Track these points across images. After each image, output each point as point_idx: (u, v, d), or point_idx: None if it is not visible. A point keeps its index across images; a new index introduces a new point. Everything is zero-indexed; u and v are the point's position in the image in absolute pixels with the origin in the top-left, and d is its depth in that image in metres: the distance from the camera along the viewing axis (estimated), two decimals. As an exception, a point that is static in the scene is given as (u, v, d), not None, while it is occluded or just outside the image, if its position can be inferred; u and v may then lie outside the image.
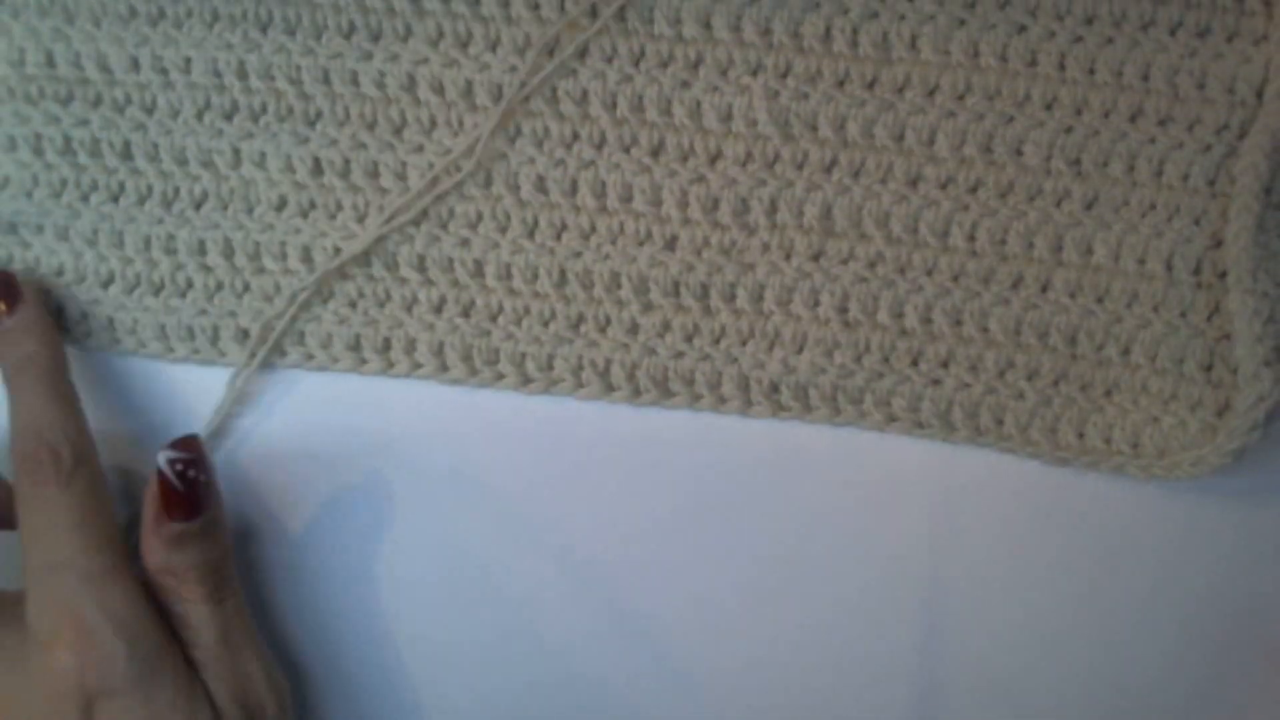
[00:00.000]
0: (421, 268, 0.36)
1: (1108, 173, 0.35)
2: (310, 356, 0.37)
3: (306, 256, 0.36)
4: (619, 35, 0.35)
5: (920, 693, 0.36)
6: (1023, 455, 0.36)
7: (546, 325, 0.36)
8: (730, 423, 0.36)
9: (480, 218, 0.36)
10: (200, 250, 0.37)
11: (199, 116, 0.36)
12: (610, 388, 0.36)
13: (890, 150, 0.35)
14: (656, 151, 0.36)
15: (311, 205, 0.36)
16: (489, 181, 0.36)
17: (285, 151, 0.36)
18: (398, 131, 0.36)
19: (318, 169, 0.36)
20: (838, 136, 0.35)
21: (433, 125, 0.36)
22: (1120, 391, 0.35)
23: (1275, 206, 0.34)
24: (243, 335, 0.37)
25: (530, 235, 0.36)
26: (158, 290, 0.37)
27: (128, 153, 0.37)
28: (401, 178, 0.36)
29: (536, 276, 0.36)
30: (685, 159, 0.35)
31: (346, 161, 0.36)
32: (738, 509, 0.36)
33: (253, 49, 0.36)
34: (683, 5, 0.35)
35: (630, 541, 0.37)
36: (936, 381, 0.35)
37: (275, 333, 0.36)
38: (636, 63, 0.35)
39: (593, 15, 0.35)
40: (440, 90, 0.36)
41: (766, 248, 0.36)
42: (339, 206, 0.36)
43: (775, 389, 0.36)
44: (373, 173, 0.36)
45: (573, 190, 0.36)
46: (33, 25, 0.36)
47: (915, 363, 0.36)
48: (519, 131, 0.36)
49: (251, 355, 0.36)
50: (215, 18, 0.36)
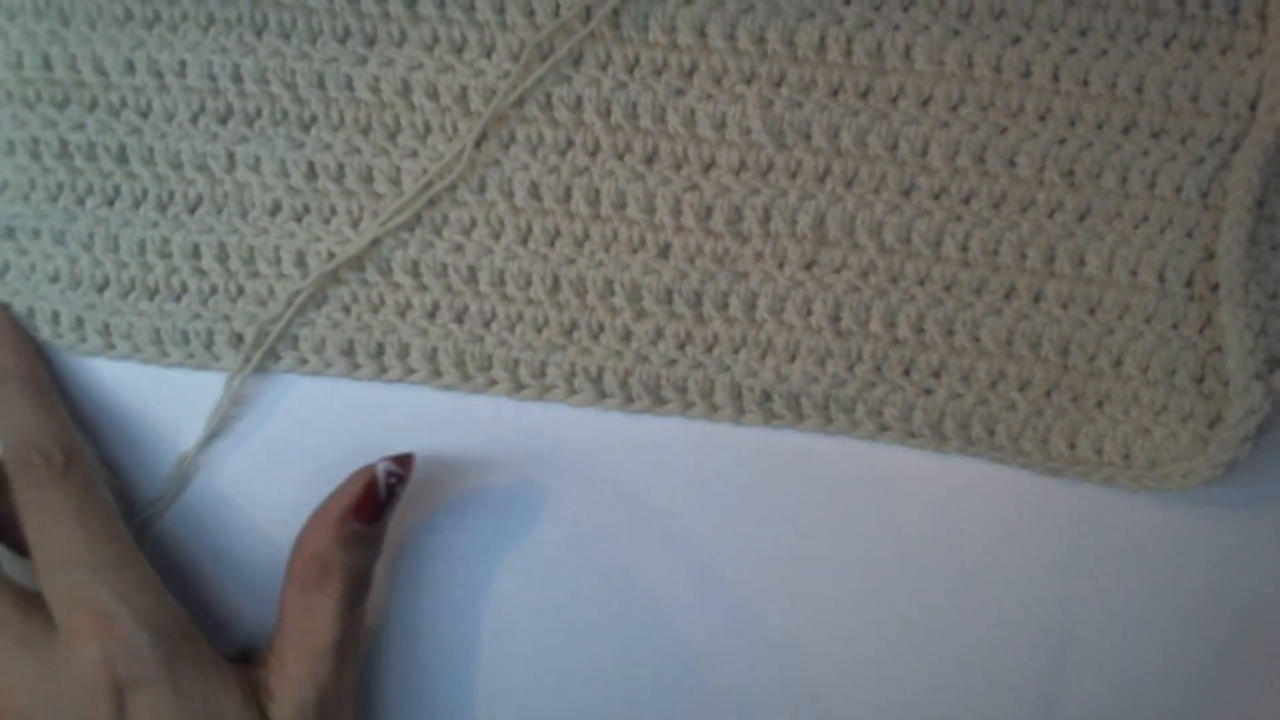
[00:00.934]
0: (415, 273, 0.36)
1: (1101, 184, 0.35)
2: (304, 361, 0.37)
3: (301, 261, 0.36)
4: (613, 42, 0.35)
5: (916, 696, 0.37)
6: (1014, 465, 0.36)
7: (540, 332, 0.36)
8: (724, 430, 0.36)
9: (474, 224, 0.36)
10: (195, 254, 0.37)
11: (194, 120, 0.36)
12: (603, 395, 0.36)
13: (884, 160, 0.35)
14: (650, 159, 0.36)
15: (306, 209, 0.36)
16: (483, 187, 0.36)
17: (280, 155, 0.36)
18: (392, 136, 0.36)
19: (312, 173, 0.36)
20: (831, 145, 0.35)
21: (427, 130, 0.36)
22: (1112, 402, 0.35)
23: (1267, 220, 0.34)
24: (237, 340, 0.37)
25: (524, 242, 0.36)
26: (152, 294, 0.37)
27: (123, 156, 0.37)
28: (396, 183, 0.36)
29: (530, 283, 0.36)
30: (679, 167, 0.36)
31: (341, 166, 0.36)
32: (733, 513, 0.36)
33: (248, 53, 0.36)
34: (677, 13, 0.35)
35: (632, 545, 0.37)
36: (929, 391, 0.36)
37: (271, 337, 0.36)
38: (631, 70, 0.35)
39: (586, 21, 0.35)
40: (435, 95, 0.36)
41: (760, 256, 0.36)
42: (333, 211, 0.36)
43: (768, 397, 0.36)
44: (367, 177, 0.36)
45: (566, 197, 0.36)
46: (29, 28, 0.36)
47: (908, 372, 0.36)
48: (513, 138, 0.36)
49: (246, 360, 0.36)
50: (210, 21, 0.36)
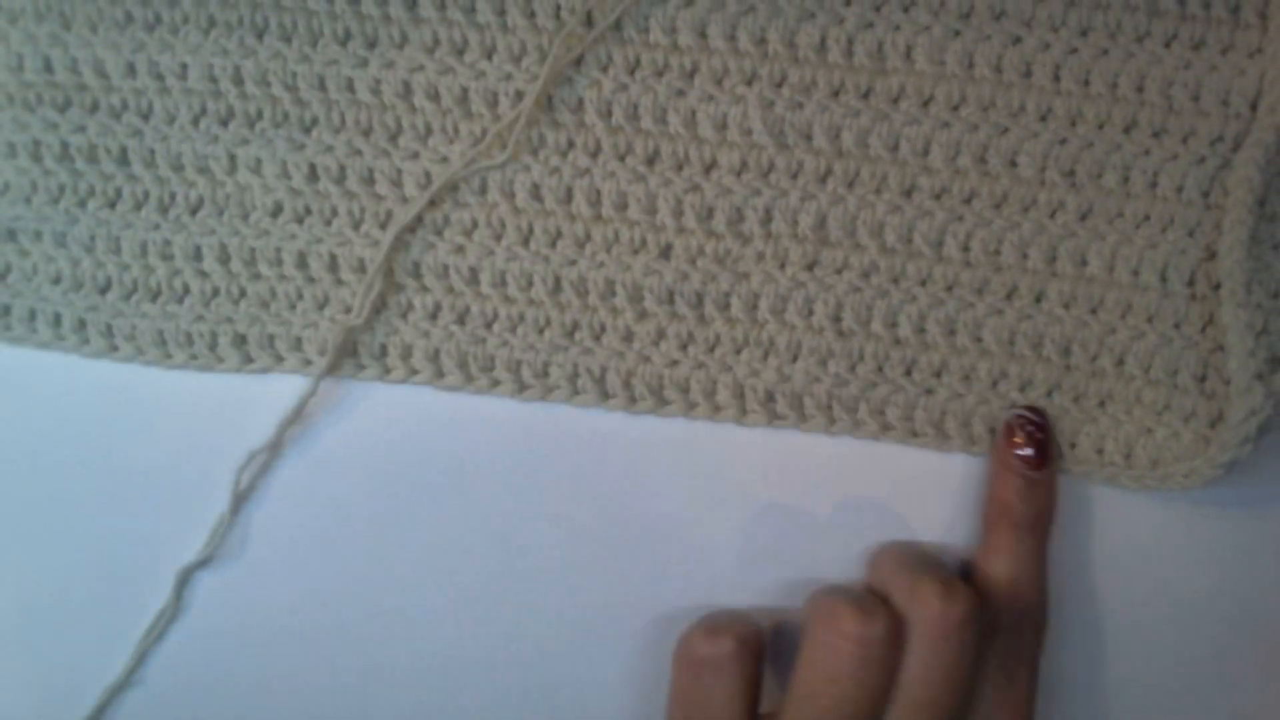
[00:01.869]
0: (417, 274, 0.36)
1: (1102, 184, 0.35)
2: (307, 362, 0.37)
3: (302, 263, 0.36)
4: (614, 44, 0.35)
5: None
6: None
7: (541, 333, 0.36)
8: (729, 430, 0.36)
9: (475, 225, 0.36)
10: (196, 256, 0.37)
11: (195, 122, 0.36)
12: (606, 395, 0.36)
13: (885, 160, 0.35)
14: (652, 160, 0.36)
15: (307, 211, 0.37)
16: (484, 189, 0.36)
17: (281, 158, 0.36)
18: (393, 138, 0.36)
19: (313, 175, 0.36)
20: (832, 146, 0.35)
21: (428, 132, 0.36)
22: (1114, 402, 0.35)
23: (1269, 219, 0.34)
24: (240, 341, 0.37)
25: (525, 243, 0.36)
26: (155, 296, 0.37)
27: (124, 159, 0.37)
28: (397, 184, 0.36)
29: (531, 284, 0.36)
30: (680, 168, 0.36)
31: (342, 168, 0.36)
32: (734, 511, 0.37)
33: (249, 55, 0.36)
34: (678, 14, 0.35)
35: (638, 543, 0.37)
36: (930, 391, 0.36)
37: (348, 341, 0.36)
38: (632, 71, 0.35)
39: (588, 24, 0.35)
40: (436, 97, 0.36)
41: (761, 256, 0.36)
42: (334, 213, 0.36)
43: (770, 398, 0.36)
44: (368, 179, 0.36)
45: (568, 198, 0.36)
46: (30, 31, 0.36)
47: (909, 372, 0.36)
48: (514, 139, 0.36)
49: (307, 363, 0.37)
50: (211, 24, 0.36)
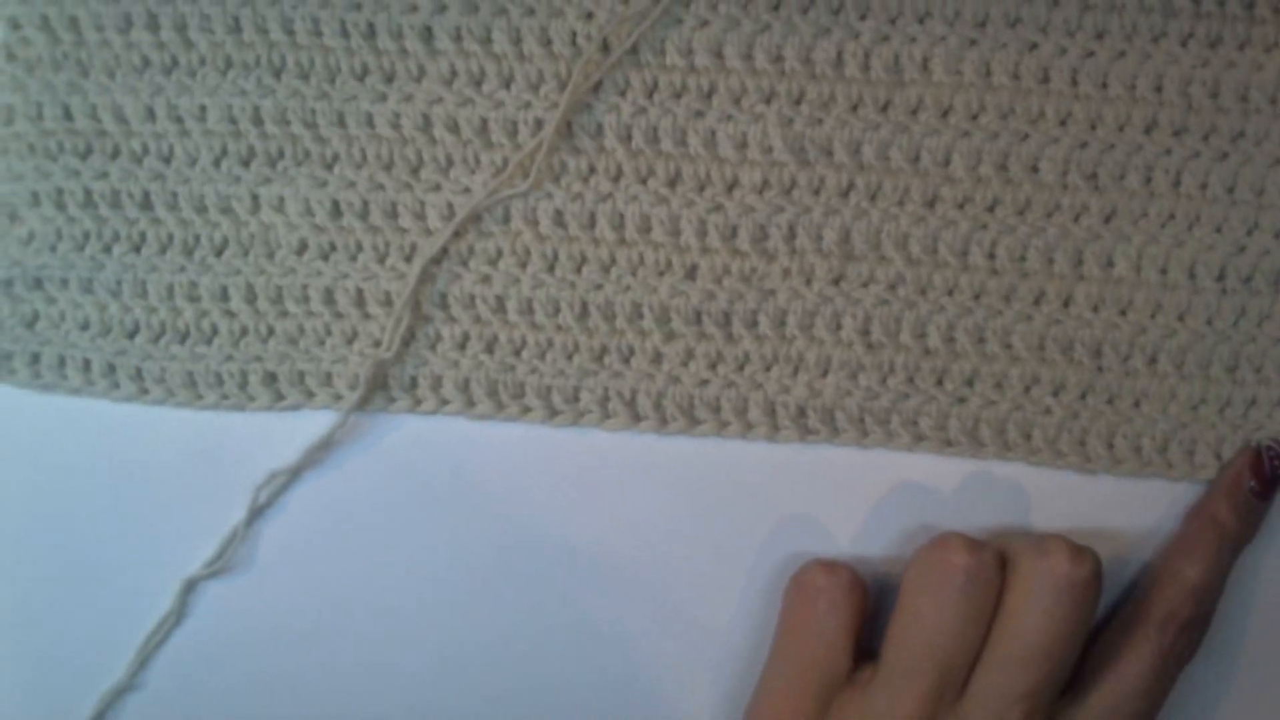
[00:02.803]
0: (444, 305, 0.36)
1: (1125, 185, 0.35)
2: (338, 397, 0.37)
3: (329, 299, 0.37)
4: (631, 67, 0.35)
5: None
6: (1052, 468, 0.36)
7: (570, 358, 0.36)
8: (757, 446, 0.37)
9: (500, 254, 0.36)
10: (223, 296, 0.37)
11: (216, 164, 0.37)
12: (637, 417, 0.36)
13: (906, 172, 0.35)
14: (673, 182, 0.36)
15: (332, 247, 0.37)
16: (507, 217, 0.36)
17: (304, 195, 0.36)
18: (415, 171, 0.36)
19: (337, 211, 0.36)
20: (853, 160, 0.35)
21: (450, 164, 0.36)
22: (1149, 400, 0.35)
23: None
24: (270, 379, 0.37)
25: (550, 269, 0.36)
26: (183, 338, 0.37)
27: (147, 202, 0.37)
28: (420, 217, 0.36)
29: (558, 310, 0.36)
30: (702, 188, 0.36)
31: (365, 203, 0.36)
32: (762, 527, 0.37)
33: (267, 94, 0.36)
34: (694, 35, 0.35)
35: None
36: (962, 400, 0.36)
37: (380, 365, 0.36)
38: (650, 94, 0.35)
39: (605, 50, 0.35)
40: (455, 129, 0.36)
41: (787, 273, 0.36)
42: (359, 248, 0.37)
43: (802, 413, 0.36)
44: (392, 213, 0.36)
45: (591, 223, 0.36)
46: (48, 79, 0.36)
47: (940, 382, 0.36)
48: (534, 166, 0.36)
49: (338, 398, 0.37)
50: (229, 64, 0.36)
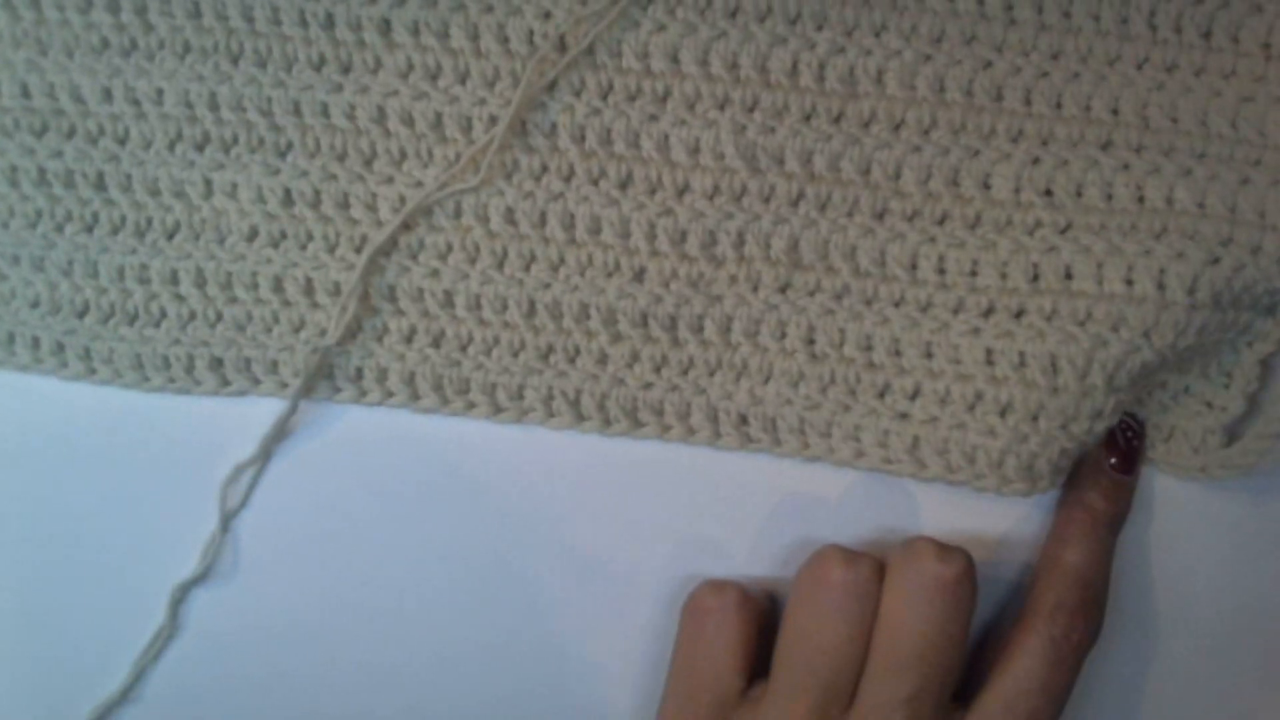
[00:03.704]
0: (392, 298, 0.37)
1: (1083, 201, 0.34)
2: (284, 385, 0.37)
3: (278, 287, 0.37)
4: (587, 68, 0.35)
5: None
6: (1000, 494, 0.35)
7: (516, 355, 0.36)
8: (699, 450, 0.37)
9: (450, 249, 0.36)
10: (173, 280, 0.37)
11: (171, 147, 0.37)
12: (581, 417, 0.36)
13: (856, 184, 0.35)
14: (624, 184, 0.36)
15: (282, 235, 0.37)
16: (458, 212, 0.36)
17: (256, 182, 0.36)
18: (368, 163, 0.36)
19: (288, 200, 0.36)
20: (804, 170, 0.35)
21: (402, 157, 0.36)
22: (1103, 420, 0.34)
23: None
24: (216, 364, 0.37)
25: (499, 266, 0.36)
26: (132, 320, 0.37)
27: (101, 183, 0.37)
28: (372, 209, 0.36)
29: (506, 307, 0.36)
30: (653, 192, 0.36)
31: (317, 192, 0.36)
32: (737, 536, 0.37)
33: (224, 80, 0.36)
34: (651, 39, 0.35)
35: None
36: (904, 415, 0.35)
37: (326, 356, 0.37)
38: (605, 96, 0.35)
39: (561, 49, 0.35)
40: (410, 122, 0.36)
41: (734, 280, 0.36)
42: (309, 237, 0.37)
43: (744, 420, 0.36)
44: (343, 203, 0.36)
45: (541, 222, 0.36)
46: (6, 57, 0.36)
47: (881, 395, 0.36)
48: (489, 163, 0.36)
49: (283, 386, 0.37)
50: (187, 49, 0.36)
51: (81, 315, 0.37)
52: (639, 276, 0.36)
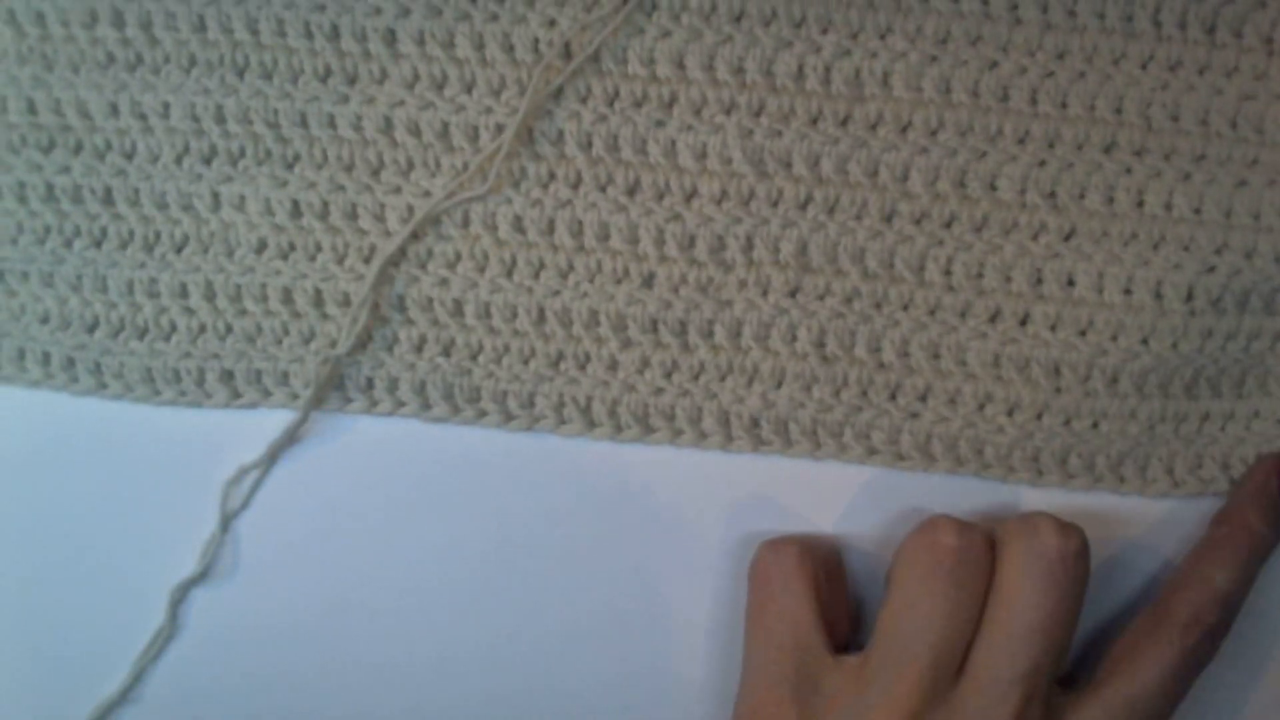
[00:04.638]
0: (401, 308, 0.37)
1: (1085, 205, 0.35)
2: (295, 396, 0.37)
3: (287, 298, 0.37)
4: (593, 75, 0.35)
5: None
6: (1007, 482, 0.36)
7: (526, 363, 0.36)
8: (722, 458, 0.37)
9: (458, 257, 0.36)
10: (183, 293, 0.37)
11: (178, 161, 0.37)
12: (592, 424, 0.36)
13: (864, 186, 0.35)
14: (632, 190, 0.36)
15: (291, 247, 0.37)
16: (466, 221, 0.36)
17: (264, 194, 0.36)
18: (375, 173, 0.36)
19: (297, 211, 0.37)
20: (812, 173, 0.35)
21: (410, 167, 0.36)
22: (1107, 420, 0.35)
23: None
24: (227, 377, 0.37)
25: (508, 274, 0.36)
26: (142, 334, 0.37)
27: (109, 198, 0.37)
28: (380, 219, 0.36)
29: (515, 315, 0.36)
30: (661, 197, 0.36)
31: (325, 203, 0.36)
32: (731, 540, 0.37)
33: (230, 93, 0.36)
34: (657, 45, 0.35)
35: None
36: (915, 415, 0.36)
37: (339, 364, 0.37)
38: (611, 102, 0.35)
39: (566, 56, 0.35)
40: (417, 132, 0.36)
41: (743, 284, 0.36)
42: (318, 248, 0.37)
43: (756, 424, 0.36)
44: (351, 214, 0.36)
45: (550, 229, 0.36)
46: (12, 73, 0.36)
47: (894, 396, 0.36)
48: (495, 172, 0.36)
49: (294, 397, 0.37)
50: (192, 63, 0.36)
51: (91, 330, 0.37)
52: (648, 282, 0.36)
